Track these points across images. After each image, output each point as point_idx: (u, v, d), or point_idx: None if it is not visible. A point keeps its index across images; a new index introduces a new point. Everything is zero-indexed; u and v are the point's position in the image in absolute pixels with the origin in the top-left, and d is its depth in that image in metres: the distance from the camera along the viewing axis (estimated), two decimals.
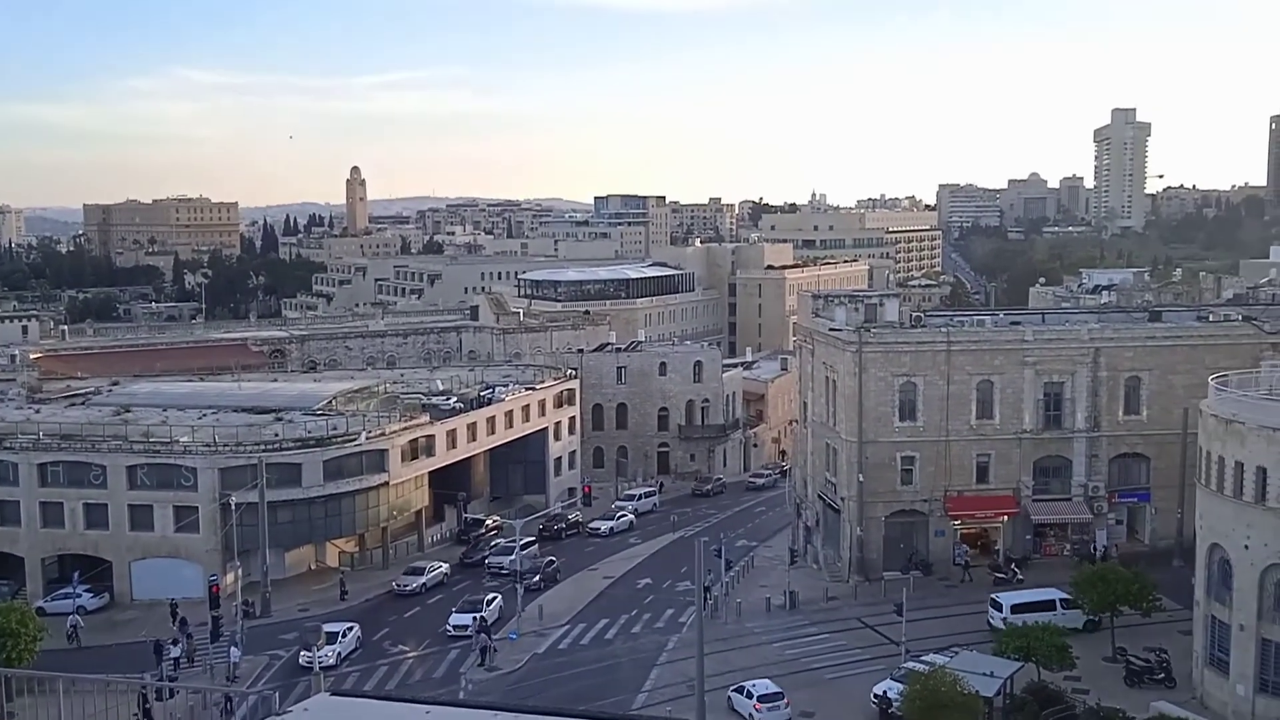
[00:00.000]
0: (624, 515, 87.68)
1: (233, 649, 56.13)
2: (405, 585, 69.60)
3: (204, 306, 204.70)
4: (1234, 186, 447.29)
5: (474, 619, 60.05)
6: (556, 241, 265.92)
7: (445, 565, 72.91)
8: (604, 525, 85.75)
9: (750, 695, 48.75)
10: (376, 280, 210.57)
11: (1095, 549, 68.08)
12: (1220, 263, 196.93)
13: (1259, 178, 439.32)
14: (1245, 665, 46.53)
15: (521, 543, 70.11)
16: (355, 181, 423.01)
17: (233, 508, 64.49)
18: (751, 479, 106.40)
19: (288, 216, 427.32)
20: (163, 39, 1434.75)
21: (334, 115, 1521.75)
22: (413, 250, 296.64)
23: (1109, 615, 53.33)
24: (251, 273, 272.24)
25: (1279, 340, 67.55)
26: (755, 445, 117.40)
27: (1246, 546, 46.22)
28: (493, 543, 77.43)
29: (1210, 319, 74.17)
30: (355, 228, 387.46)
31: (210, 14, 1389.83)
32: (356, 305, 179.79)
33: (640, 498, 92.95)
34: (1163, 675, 50.77)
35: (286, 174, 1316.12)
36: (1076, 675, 48.89)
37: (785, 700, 48.70)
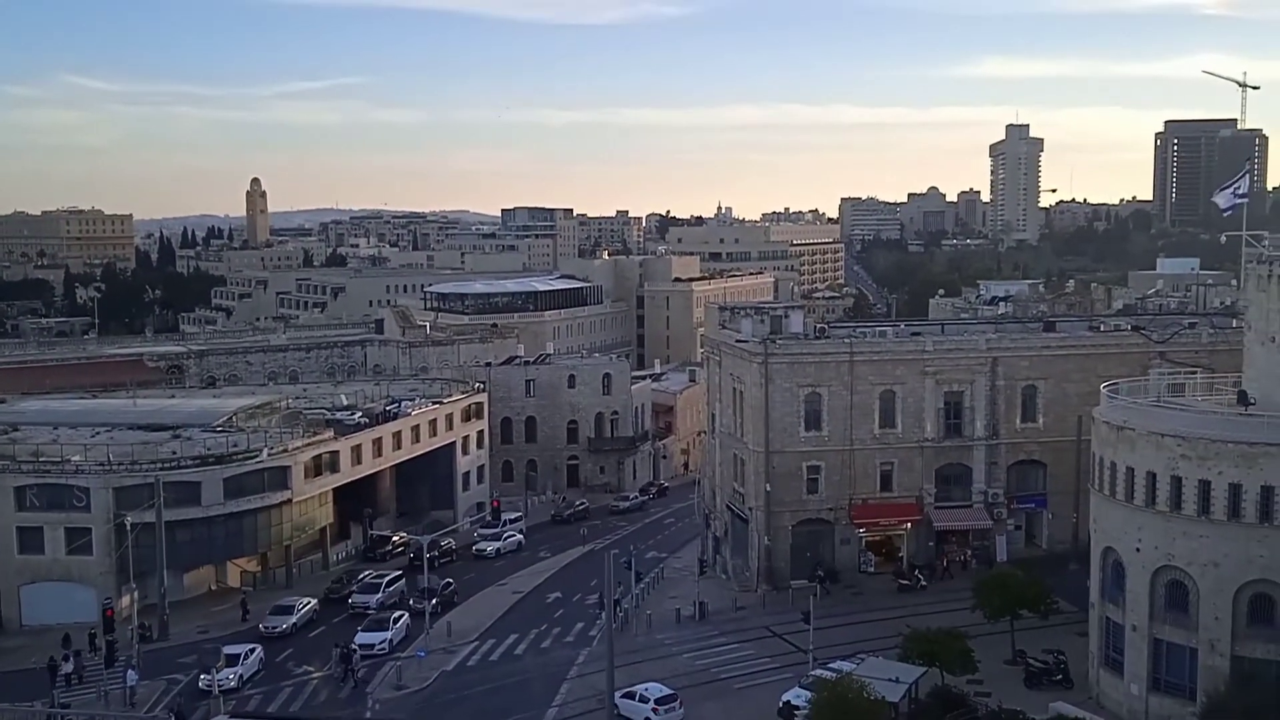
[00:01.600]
0: (512, 536, 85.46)
1: (130, 672, 54.35)
2: (274, 627, 63.34)
3: (97, 321, 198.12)
4: (1122, 201, 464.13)
5: (337, 649, 57.60)
6: (463, 254, 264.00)
7: (314, 600, 67.61)
8: (490, 547, 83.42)
9: (646, 700, 48.92)
10: (278, 294, 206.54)
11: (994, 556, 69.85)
12: (1110, 274, 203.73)
13: (1146, 192, 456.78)
14: (1138, 665, 47.97)
15: (388, 579, 69.42)
16: (255, 193, 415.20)
17: (128, 528, 62.52)
18: (616, 501, 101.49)
19: (185, 229, 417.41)
20: (47, 45, 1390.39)
21: (233, 125, 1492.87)
22: (315, 263, 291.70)
23: (1008, 619, 54.54)
24: (147, 286, 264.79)
25: (1167, 349, 70.03)
26: (664, 457, 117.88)
27: (1138, 549, 47.73)
28: (359, 577, 71.59)
29: (1101, 329, 76.56)
30: (256, 240, 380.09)
31: (99, 20, 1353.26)
32: (257, 319, 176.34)
33: (508, 524, 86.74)
34: (1060, 676, 52.10)
35: (184, 185, 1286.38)
36: (979, 679, 49.92)
37: (679, 701, 49.46)
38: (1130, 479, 47.83)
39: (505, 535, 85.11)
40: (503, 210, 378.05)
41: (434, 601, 65.21)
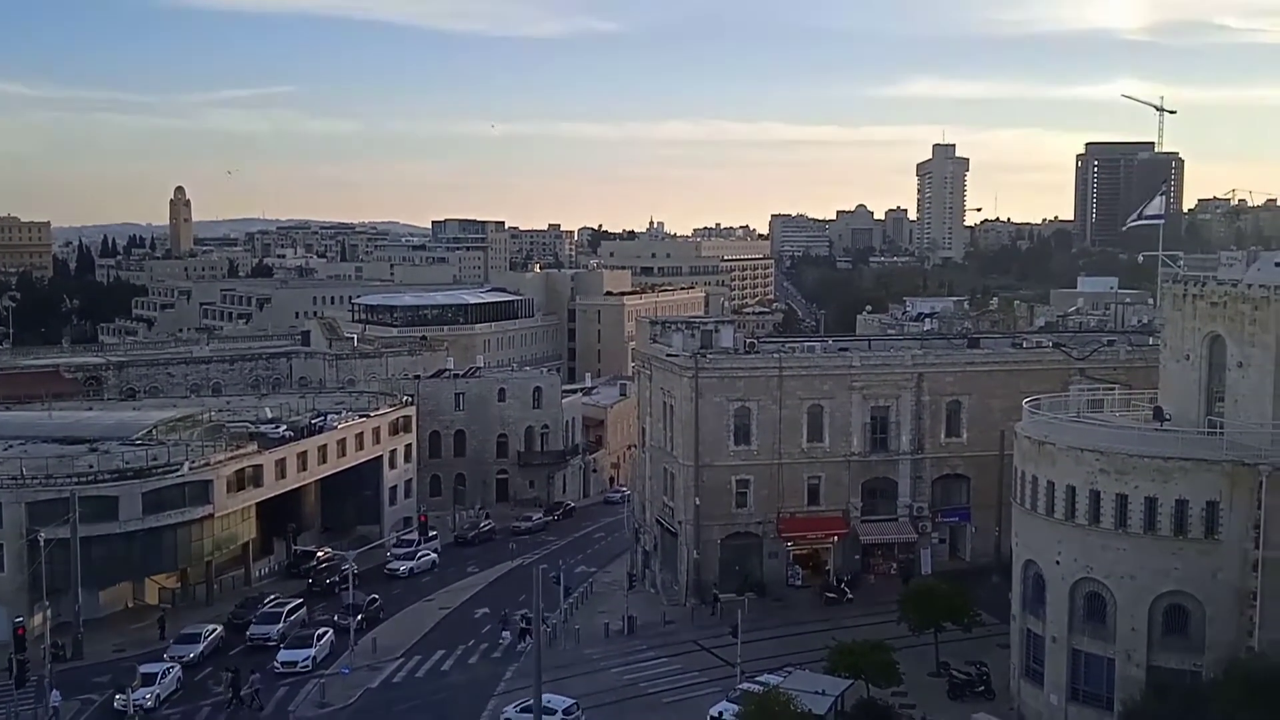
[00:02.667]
0: (425, 555, 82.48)
1: (54, 692, 52.78)
2: (180, 656, 59.68)
3: (11, 331, 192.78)
4: (1045, 220, 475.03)
5: (227, 674, 56.03)
6: (393, 266, 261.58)
7: (220, 627, 64.62)
8: (402, 566, 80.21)
9: (554, 710, 48.86)
10: (201, 304, 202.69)
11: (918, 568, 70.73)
12: (1033, 292, 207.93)
13: (1067, 212, 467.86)
14: (1058, 675, 48.86)
15: (289, 607, 66.68)
16: (179, 201, 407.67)
17: (41, 544, 60.68)
18: (518, 522, 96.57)
19: (105, 237, 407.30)
20: None
21: (158, 133, 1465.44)
22: (241, 273, 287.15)
23: (933, 631, 55.23)
24: (65, 296, 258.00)
25: (1086, 366, 71.67)
26: (595, 470, 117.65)
27: (1058, 562, 48.66)
28: (259, 608, 67.39)
29: (1024, 346, 78.11)
30: (179, 249, 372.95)
31: (20, 25, 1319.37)
32: (180, 330, 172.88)
33: (420, 543, 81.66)
34: (983, 688, 52.89)
35: (106, 193, 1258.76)
36: (903, 691, 50.46)
37: (580, 709, 50.33)
38: (1051, 493, 48.76)
39: (419, 554, 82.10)
40: (433, 222, 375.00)
41: (359, 618, 64.25)
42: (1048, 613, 49.25)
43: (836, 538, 71.41)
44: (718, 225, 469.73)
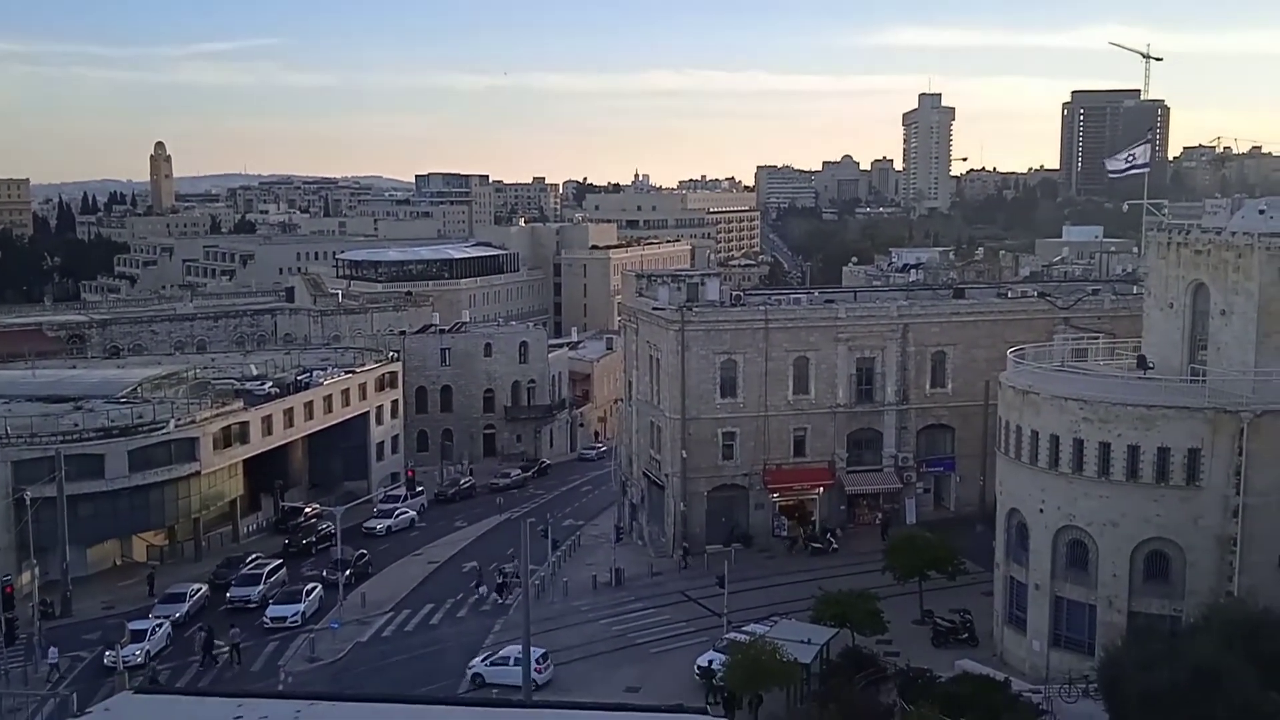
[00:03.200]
0: (404, 513, 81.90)
1: (52, 649, 53.17)
2: (165, 616, 58.69)
3: None
4: (1030, 169, 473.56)
5: (200, 634, 55.94)
6: (376, 221, 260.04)
7: (205, 586, 64.37)
8: (380, 525, 79.41)
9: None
10: (184, 261, 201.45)
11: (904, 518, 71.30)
12: (1018, 242, 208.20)
13: (1053, 161, 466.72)
14: (1040, 622, 49.46)
15: (268, 568, 65.83)
16: (160, 157, 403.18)
17: (27, 503, 60.62)
18: (496, 479, 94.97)
19: (86, 194, 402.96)
20: None
21: (136, 88, 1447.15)
22: (223, 229, 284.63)
23: (917, 580, 55.75)
24: (46, 253, 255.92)
25: (1071, 315, 71.86)
26: (582, 425, 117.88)
27: (1041, 510, 49.08)
28: (240, 569, 66.28)
29: (1009, 296, 78.22)
30: (160, 206, 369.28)
31: None
32: (163, 287, 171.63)
33: (405, 499, 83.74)
34: (967, 635, 53.50)
35: (85, 149, 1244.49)
36: (888, 639, 50.98)
37: (548, 658, 51.16)
38: (1035, 442, 49.07)
39: (397, 512, 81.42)
40: (417, 176, 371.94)
41: (347, 573, 64.51)
42: (1031, 560, 49.73)
43: (822, 488, 71.84)
44: (703, 177, 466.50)
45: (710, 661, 48.62)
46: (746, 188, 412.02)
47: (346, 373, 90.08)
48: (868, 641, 49.80)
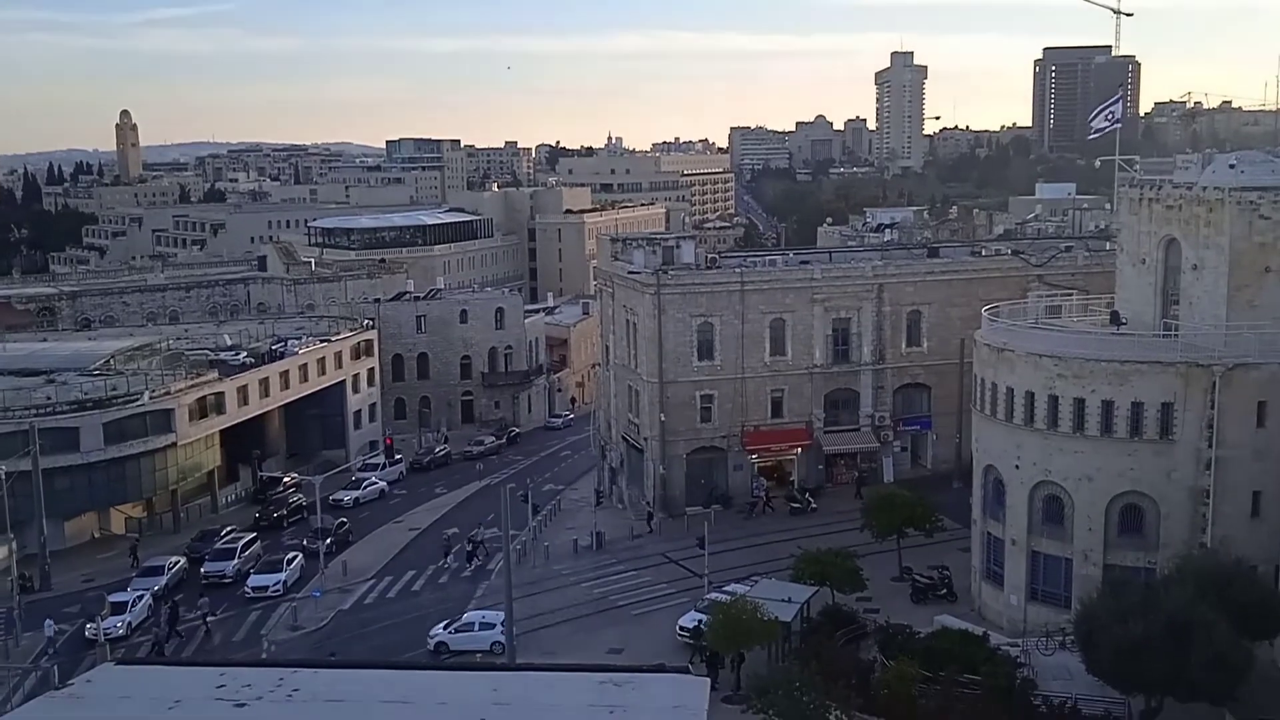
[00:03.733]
0: (372, 484, 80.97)
1: (48, 621, 53.21)
2: (145, 589, 57.82)
3: None
4: (1003, 127, 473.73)
5: (165, 608, 55.52)
6: (348, 187, 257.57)
7: (183, 559, 63.57)
8: (347, 496, 78.09)
9: (490, 625, 50.23)
10: (154, 231, 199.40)
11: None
12: (992, 200, 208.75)
13: (1026, 119, 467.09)
14: (1017, 577, 50.02)
15: (243, 542, 64.89)
16: (126, 126, 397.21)
17: (2, 477, 60.13)
18: (470, 446, 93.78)
19: (51, 164, 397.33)
20: None
21: (96, 55, 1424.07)
22: (192, 199, 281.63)
23: (895, 538, 56.21)
24: (12, 225, 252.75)
25: (1044, 272, 72.20)
26: (559, 390, 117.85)
27: (1017, 466, 49.51)
28: (215, 543, 65.64)
29: (983, 254, 78.50)
30: (128, 175, 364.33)
31: None
32: (133, 258, 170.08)
33: (383, 467, 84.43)
34: (945, 591, 54.06)
35: (48, 119, 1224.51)
36: (868, 596, 51.49)
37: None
38: (1010, 399, 49.41)
39: (365, 483, 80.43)
40: (387, 142, 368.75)
41: (328, 541, 64.47)
42: (1007, 516, 50.21)
43: (800, 449, 72.20)
44: (677, 140, 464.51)
45: (691, 622, 48.98)
46: (720, 149, 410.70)
47: (321, 341, 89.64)
48: (847, 599, 50.26)
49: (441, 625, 52.39)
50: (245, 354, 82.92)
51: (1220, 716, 37.35)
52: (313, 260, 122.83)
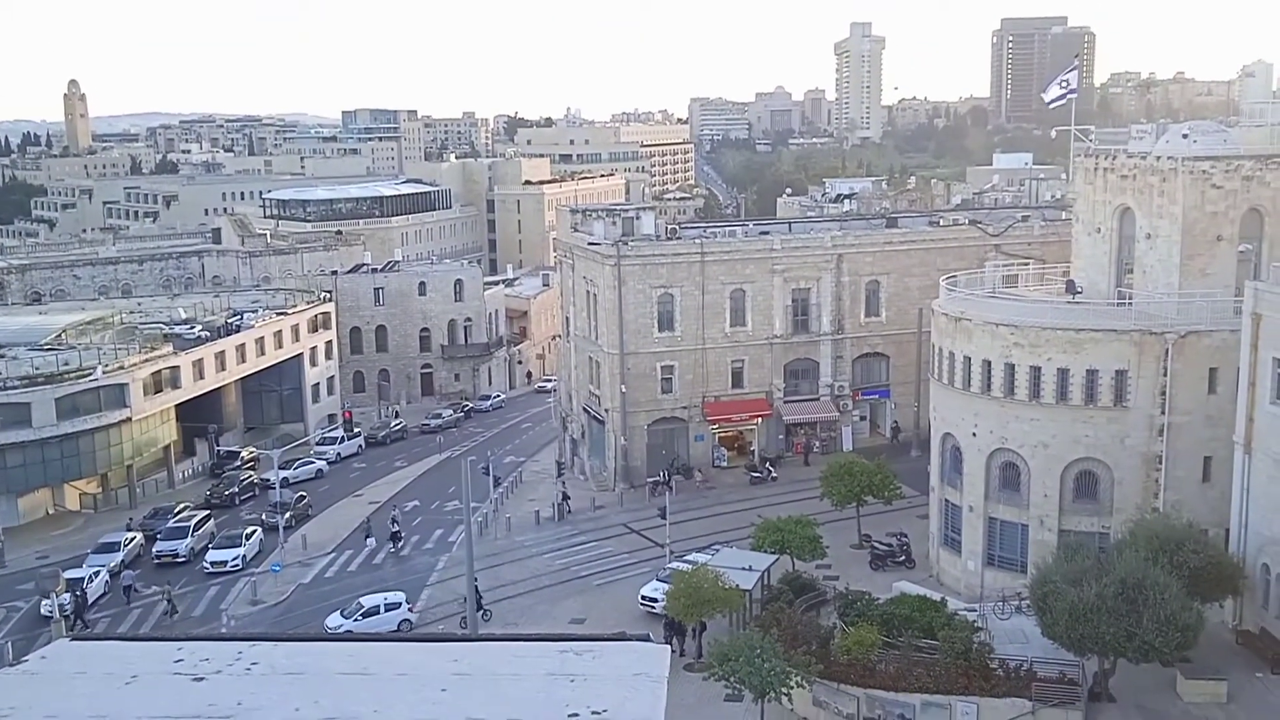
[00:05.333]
0: (309, 463, 78.56)
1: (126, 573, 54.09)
2: (100, 566, 56.74)
3: None
4: (961, 98, 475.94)
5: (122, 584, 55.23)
6: (303, 158, 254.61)
7: (139, 535, 62.24)
8: (282, 475, 72.63)
9: (396, 605, 50.11)
10: (105, 203, 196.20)
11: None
12: (950, 170, 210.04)
13: (983, 89, 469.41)
14: (974, 542, 50.67)
15: (195, 520, 63.36)
16: (74, 96, 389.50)
17: None
18: (428, 419, 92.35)
19: None
20: None
21: (41, 22, 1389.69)
22: (144, 170, 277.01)
23: (855, 505, 56.69)
24: None
25: (1001, 242, 72.76)
26: (520, 362, 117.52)
27: (974, 434, 50.03)
28: (167, 522, 64.17)
29: (941, 224, 78.91)
30: (77, 146, 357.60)
31: None
32: (84, 231, 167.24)
33: (341, 441, 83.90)
34: (904, 557, 54.67)
35: None
36: (827, 563, 51.96)
37: (409, 603, 51.37)
38: (967, 368, 49.84)
39: (298, 462, 77.66)
40: (343, 112, 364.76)
41: (288, 515, 64.01)
42: (965, 483, 50.78)
43: (760, 419, 72.54)
44: (636, 110, 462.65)
45: (653, 591, 49.16)
46: (680, 120, 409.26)
47: (278, 314, 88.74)
48: (807, 566, 50.67)
49: (340, 613, 50.32)
50: (200, 328, 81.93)
51: (1171, 676, 38.13)
52: (268, 232, 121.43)
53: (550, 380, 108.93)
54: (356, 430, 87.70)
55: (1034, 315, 48.60)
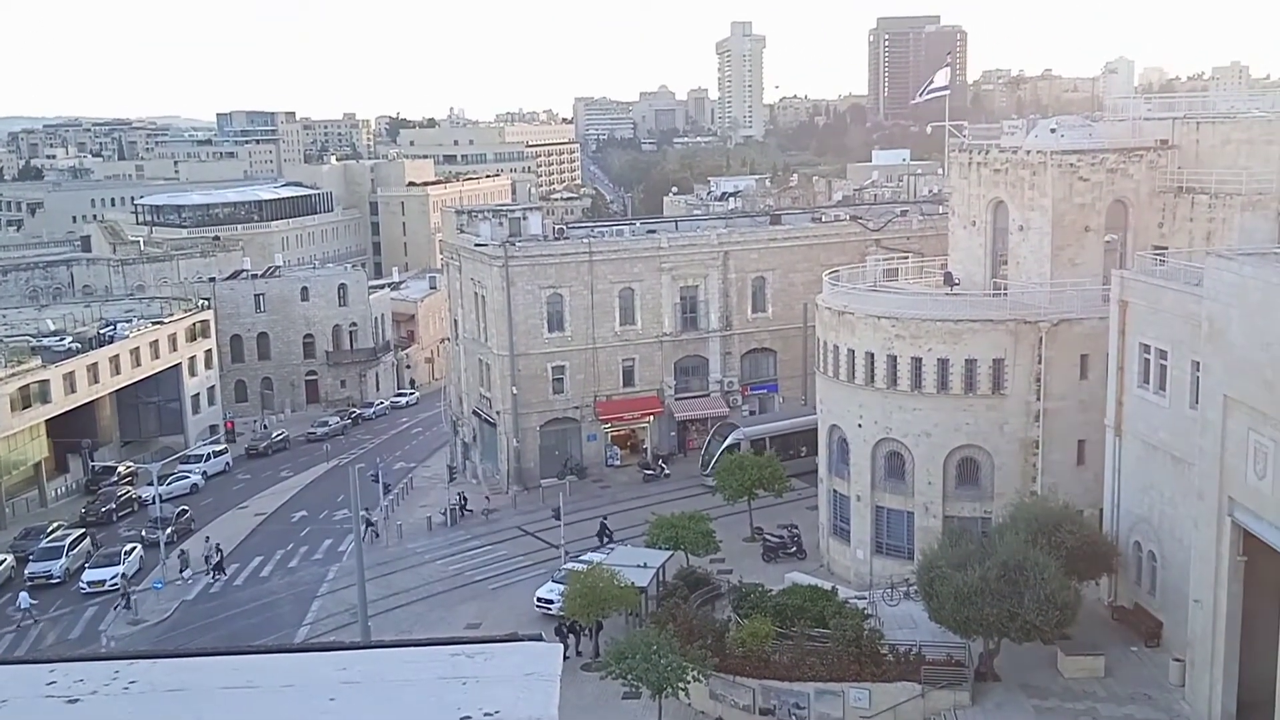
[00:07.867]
0: (183, 477, 76.67)
1: (22, 595, 52.82)
2: None
3: None
4: (840, 96, 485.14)
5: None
6: (177, 163, 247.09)
7: (10, 557, 59.71)
8: (149, 491, 69.15)
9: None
10: None
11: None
12: (831, 167, 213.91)
13: (862, 87, 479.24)
14: (863, 531, 51.69)
15: (70, 539, 60.92)
16: None
17: None
18: (314, 427, 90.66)
19: None
20: None
21: None
22: (6, 177, 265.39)
23: (746, 500, 57.34)
24: None
25: (882, 237, 74.40)
26: (408, 366, 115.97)
27: (860, 425, 51.04)
28: (40, 542, 61.41)
29: (823, 220, 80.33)
30: None
31: None
32: None
33: (208, 458, 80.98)
34: (795, 549, 55.46)
35: None
36: (721, 558, 52.46)
37: None
38: (851, 360, 50.81)
39: (171, 477, 74.81)
40: (218, 114, 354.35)
41: (169, 530, 62.03)
42: (852, 474, 51.75)
43: (652, 417, 72.88)
44: (520, 110, 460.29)
45: (549, 593, 48.97)
46: (565, 120, 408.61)
47: (154, 324, 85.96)
48: (702, 561, 51.10)
49: None
50: (71, 339, 78.88)
51: (1052, 654, 39.47)
52: (141, 239, 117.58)
53: (404, 395, 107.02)
54: (223, 448, 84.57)
55: (914, 307, 49.77)
